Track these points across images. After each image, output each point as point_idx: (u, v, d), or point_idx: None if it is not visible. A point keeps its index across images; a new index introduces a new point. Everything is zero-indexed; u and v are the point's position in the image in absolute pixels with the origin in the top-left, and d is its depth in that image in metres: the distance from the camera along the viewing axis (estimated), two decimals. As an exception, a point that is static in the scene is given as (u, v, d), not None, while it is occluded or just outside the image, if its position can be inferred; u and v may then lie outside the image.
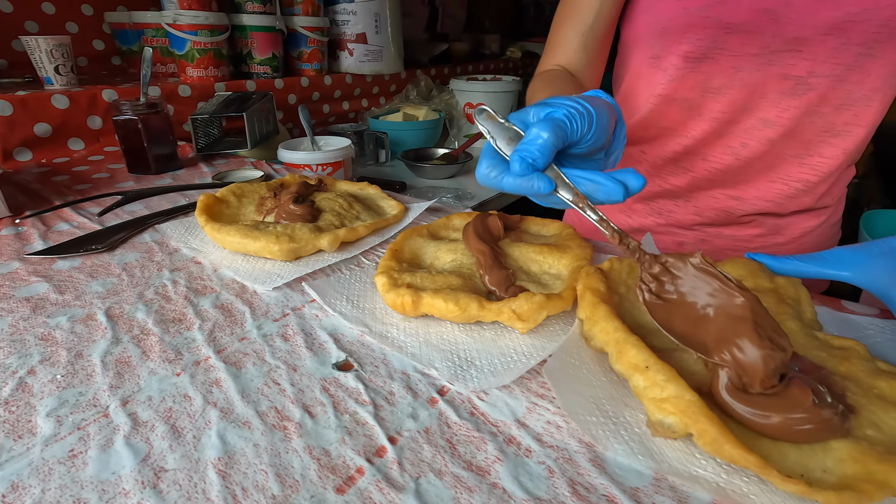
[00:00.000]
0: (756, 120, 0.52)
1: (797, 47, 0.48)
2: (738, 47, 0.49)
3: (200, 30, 1.03)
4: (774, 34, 0.48)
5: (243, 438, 0.29)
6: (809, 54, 0.48)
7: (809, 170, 0.53)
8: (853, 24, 0.45)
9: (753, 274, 0.40)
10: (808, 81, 0.49)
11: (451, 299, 0.38)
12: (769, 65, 0.49)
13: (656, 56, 0.54)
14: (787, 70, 0.49)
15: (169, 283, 0.46)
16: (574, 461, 0.28)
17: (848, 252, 0.39)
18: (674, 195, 0.61)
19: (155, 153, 0.78)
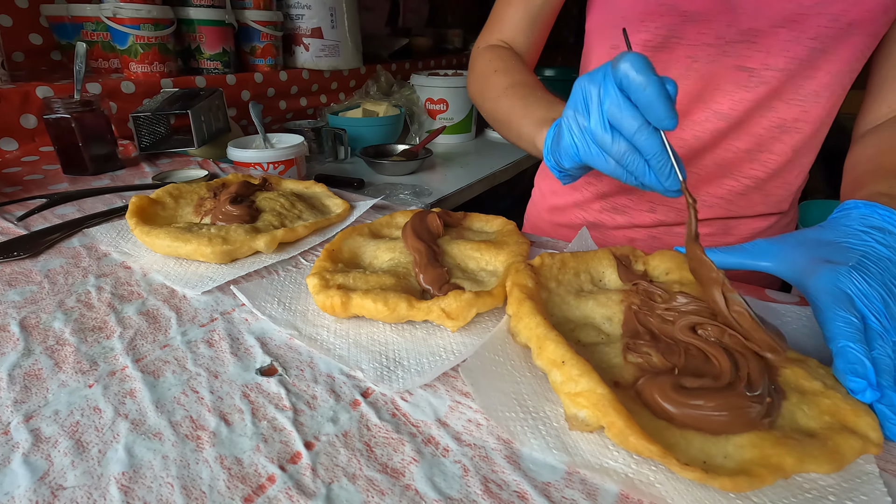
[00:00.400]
0: (710, 112, 0.52)
1: (751, 38, 0.48)
2: (695, 37, 0.50)
3: (143, 23, 0.99)
4: (729, 24, 0.48)
5: (152, 451, 0.28)
6: (763, 46, 0.48)
7: (760, 165, 0.54)
8: (805, 17, 0.46)
9: (680, 266, 0.41)
10: (762, 74, 0.49)
11: (379, 299, 0.37)
12: (724, 55, 0.50)
13: (615, 46, 0.54)
14: (742, 62, 0.49)
15: (93, 289, 0.44)
16: (490, 458, 0.28)
17: (768, 243, 0.40)
18: (629, 190, 0.61)
19: (91, 153, 0.74)
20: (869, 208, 0.38)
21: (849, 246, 0.35)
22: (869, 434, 0.27)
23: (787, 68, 0.48)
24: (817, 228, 0.39)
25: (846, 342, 0.29)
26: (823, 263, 0.34)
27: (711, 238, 0.61)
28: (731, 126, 0.52)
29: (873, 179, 0.41)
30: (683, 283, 0.40)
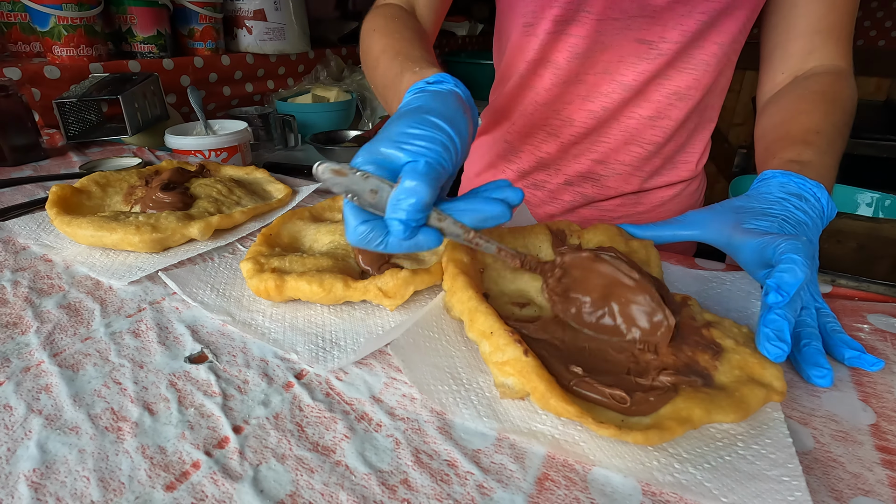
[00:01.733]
0: (616, 84, 0.55)
1: (650, 14, 0.51)
2: (602, 11, 0.52)
3: (65, 3, 0.92)
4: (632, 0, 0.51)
5: (67, 445, 0.26)
6: (660, 20, 0.51)
7: (659, 131, 0.57)
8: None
9: (612, 239, 0.42)
10: (659, 46, 0.52)
11: (315, 281, 0.37)
12: (627, 29, 0.52)
13: (529, 24, 0.56)
14: (642, 35, 0.52)
15: (8, 284, 0.41)
16: (422, 430, 0.28)
17: (697, 214, 0.42)
18: (546, 164, 0.63)
19: (10, 142, 0.69)
20: (786, 177, 0.40)
21: (770, 212, 0.38)
22: (773, 383, 0.29)
23: (680, 40, 0.52)
24: (742, 198, 0.41)
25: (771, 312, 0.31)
26: (749, 232, 0.36)
27: (624, 208, 0.64)
28: (633, 95, 0.56)
29: (782, 147, 0.44)
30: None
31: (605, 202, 0.63)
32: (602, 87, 0.56)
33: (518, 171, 0.66)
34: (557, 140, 0.60)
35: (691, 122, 0.58)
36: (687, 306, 0.37)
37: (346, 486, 0.25)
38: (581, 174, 0.62)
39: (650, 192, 0.62)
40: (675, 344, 0.32)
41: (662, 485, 0.25)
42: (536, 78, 0.58)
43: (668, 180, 0.61)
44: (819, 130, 0.44)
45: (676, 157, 0.60)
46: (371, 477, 0.25)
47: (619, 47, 0.53)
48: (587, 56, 0.54)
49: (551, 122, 0.60)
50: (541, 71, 0.57)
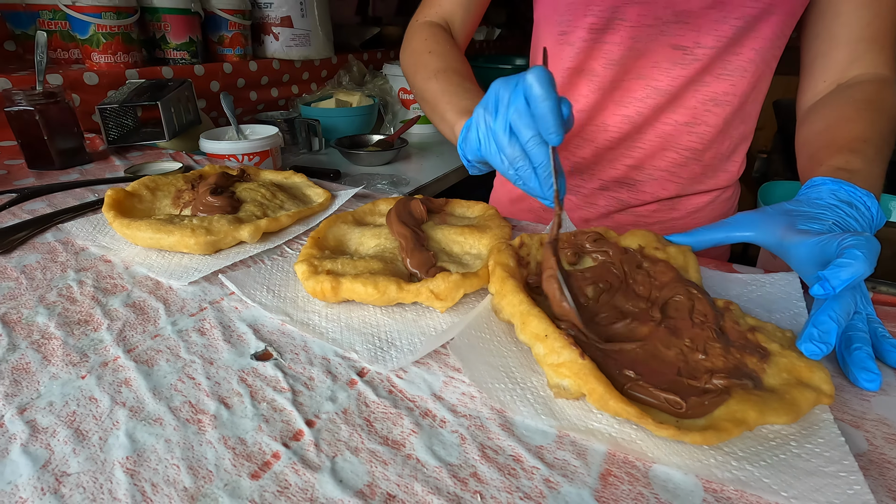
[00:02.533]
0: (650, 89, 0.56)
1: (684, 19, 0.52)
2: (636, 18, 0.53)
3: (104, 12, 0.95)
4: (665, 6, 0.52)
5: (154, 435, 0.28)
6: (694, 26, 0.52)
7: (696, 137, 0.58)
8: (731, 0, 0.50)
9: (649, 245, 0.44)
10: (694, 52, 0.53)
11: (370, 283, 0.38)
12: (661, 35, 0.53)
13: (563, 32, 0.57)
14: (676, 41, 0.53)
15: (74, 283, 0.43)
16: (485, 427, 0.29)
17: (748, 216, 0.43)
18: (581, 169, 0.64)
19: (58, 147, 0.72)
20: (836, 184, 0.41)
21: (822, 217, 0.38)
22: (822, 387, 0.30)
23: (715, 46, 0.52)
24: (793, 202, 0.42)
25: None
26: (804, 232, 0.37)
27: (658, 214, 0.64)
28: (668, 101, 0.56)
29: (829, 155, 0.44)
30: (654, 260, 0.43)
31: (641, 207, 0.64)
32: (636, 92, 0.57)
33: None
34: (592, 145, 0.61)
35: (731, 129, 0.58)
36: (729, 311, 0.38)
37: (419, 478, 0.26)
38: (616, 179, 0.62)
39: (686, 197, 0.63)
40: (723, 346, 0.33)
41: (722, 480, 0.26)
42: (572, 86, 0.59)
43: (707, 187, 0.62)
44: (866, 139, 0.44)
45: (717, 164, 0.61)
46: (442, 470, 0.26)
47: (654, 53, 0.54)
48: (622, 63, 0.55)
49: (586, 127, 0.61)
50: (576, 79, 0.59)
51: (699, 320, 0.36)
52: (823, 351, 0.30)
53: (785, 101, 1.55)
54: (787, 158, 1.37)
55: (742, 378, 0.31)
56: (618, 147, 0.61)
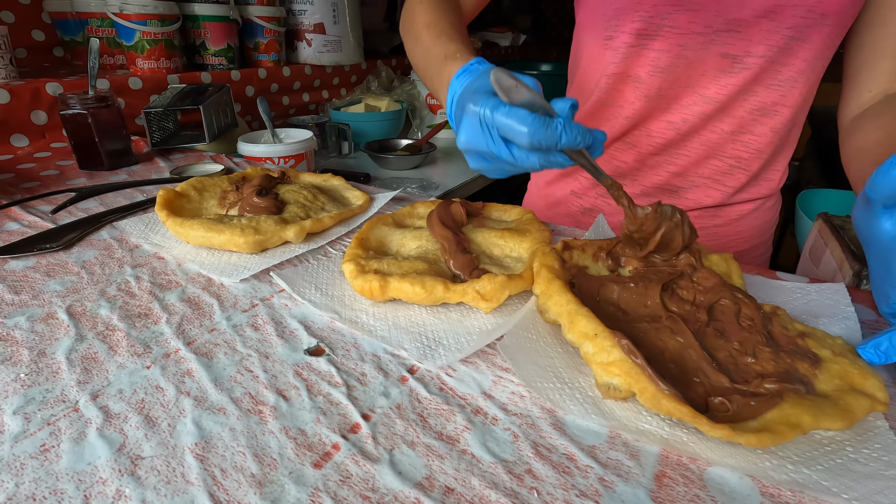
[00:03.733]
0: (697, 96, 0.56)
1: (735, 28, 0.52)
2: (685, 25, 0.53)
3: (150, 19, 0.99)
4: (717, 13, 0.52)
5: (219, 424, 0.29)
6: (746, 35, 0.51)
7: (742, 146, 0.57)
8: (784, 9, 0.50)
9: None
10: (744, 61, 0.53)
11: (417, 282, 0.39)
12: (711, 43, 0.53)
13: (609, 37, 0.57)
14: (727, 49, 0.53)
15: (132, 279, 0.45)
16: (537, 426, 0.30)
17: None
18: (622, 174, 0.64)
19: (107, 148, 0.75)
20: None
21: None
22: (876, 394, 0.30)
23: (766, 55, 0.52)
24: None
25: None
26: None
27: (701, 220, 0.64)
28: (716, 109, 0.56)
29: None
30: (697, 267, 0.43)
31: None
32: (683, 99, 0.56)
33: (592, 179, 0.67)
34: (635, 150, 0.61)
35: (777, 139, 0.58)
36: (776, 316, 0.37)
37: (476, 473, 0.27)
38: (658, 185, 0.62)
39: (730, 206, 0.63)
40: (773, 350, 0.33)
41: (779, 483, 0.26)
42: (617, 92, 0.59)
43: (751, 196, 0.62)
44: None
45: (761, 173, 0.61)
46: (497, 466, 0.27)
47: (703, 62, 0.54)
48: (670, 70, 0.55)
49: (630, 132, 0.61)
50: (621, 85, 0.58)
51: (746, 324, 0.36)
52: (882, 360, 0.30)
53: (820, 108, 1.52)
54: (822, 166, 1.34)
55: (794, 382, 0.31)
56: (661, 153, 0.60)
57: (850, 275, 0.56)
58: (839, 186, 1.02)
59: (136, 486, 0.25)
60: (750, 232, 0.65)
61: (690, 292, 0.39)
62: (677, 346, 0.34)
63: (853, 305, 0.41)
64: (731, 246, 0.65)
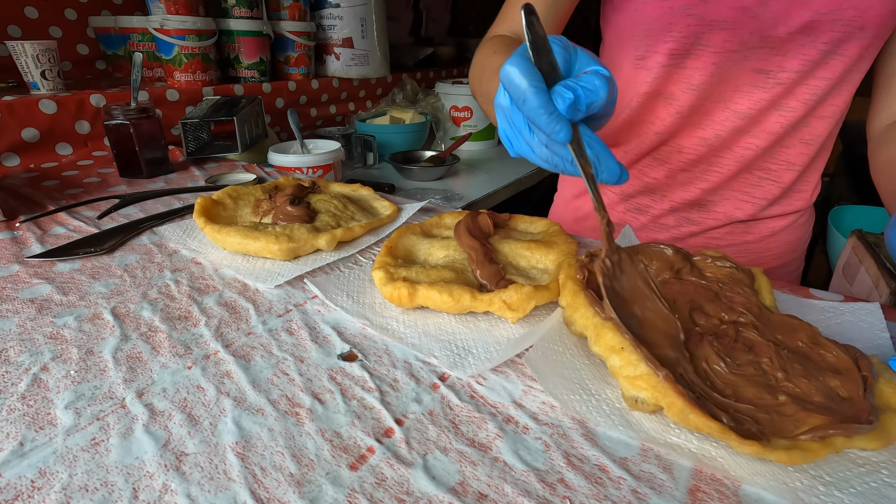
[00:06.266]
0: (729, 112, 0.55)
1: (770, 44, 0.51)
2: (720, 44, 0.52)
3: (188, 35, 1.03)
4: (752, 31, 0.51)
5: (258, 424, 0.31)
6: (780, 50, 0.51)
7: (774, 161, 0.57)
8: (821, 24, 0.49)
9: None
10: (777, 76, 0.52)
11: (445, 291, 0.40)
12: (745, 60, 0.52)
13: (641, 57, 0.57)
14: (760, 65, 0.52)
15: (171, 282, 0.47)
16: (568, 436, 0.30)
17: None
18: (651, 189, 0.64)
19: (146, 157, 0.78)
20: None
21: None
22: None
23: (801, 70, 0.52)
24: None
25: None
26: None
27: (731, 237, 0.63)
28: (748, 124, 0.55)
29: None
30: (724, 282, 0.42)
31: (713, 231, 0.63)
32: (715, 115, 0.56)
33: (621, 193, 0.66)
34: (665, 166, 0.61)
35: (810, 150, 0.57)
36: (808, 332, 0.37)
37: (508, 480, 0.27)
38: (688, 201, 0.62)
39: (761, 221, 0.62)
40: (804, 367, 0.33)
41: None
42: (649, 110, 0.59)
43: (784, 210, 0.61)
44: None
45: (794, 186, 0.60)
46: (529, 474, 0.27)
47: (736, 77, 0.54)
48: (703, 87, 0.55)
49: (660, 148, 0.60)
50: (653, 103, 0.58)
51: (776, 340, 0.35)
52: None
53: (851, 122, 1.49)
54: (853, 182, 1.31)
55: (834, 405, 0.31)
56: (692, 170, 0.60)
57: (886, 293, 0.55)
58: (872, 203, 0.99)
59: (181, 482, 0.27)
60: (781, 249, 0.64)
61: (718, 307, 0.39)
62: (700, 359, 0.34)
63: (886, 323, 0.40)
64: (761, 262, 0.64)
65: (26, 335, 0.39)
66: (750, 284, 0.42)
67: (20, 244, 0.55)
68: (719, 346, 0.35)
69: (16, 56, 0.88)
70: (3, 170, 0.82)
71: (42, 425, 0.30)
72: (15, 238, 0.56)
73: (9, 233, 0.57)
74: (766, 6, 0.50)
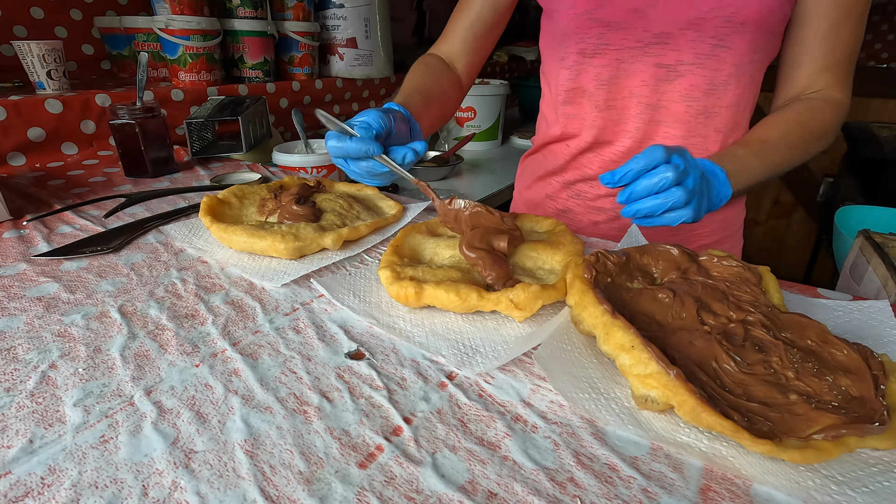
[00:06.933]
0: (642, 105, 0.61)
1: (664, 40, 0.58)
2: (619, 42, 0.59)
3: (193, 35, 1.03)
4: (645, 29, 0.58)
5: (266, 422, 0.30)
6: (674, 46, 0.58)
7: (692, 148, 0.62)
8: (705, 21, 0.55)
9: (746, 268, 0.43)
10: (677, 69, 0.59)
11: (452, 290, 0.40)
12: (645, 55, 0.59)
13: (561, 58, 0.64)
14: (660, 60, 0.59)
15: (178, 281, 0.47)
16: (577, 435, 0.30)
17: None
18: (589, 178, 0.70)
19: (152, 156, 0.78)
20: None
21: None
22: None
23: (695, 62, 0.58)
24: None
25: None
26: None
27: None
28: (661, 115, 0.62)
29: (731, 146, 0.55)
30: (731, 281, 0.42)
31: None
32: (630, 108, 0.62)
33: (563, 182, 0.72)
34: (600, 158, 0.67)
35: (721, 138, 0.62)
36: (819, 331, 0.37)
37: (518, 479, 0.27)
38: None
39: None
40: (815, 365, 0.33)
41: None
42: (576, 105, 0.66)
43: None
44: (764, 139, 0.54)
45: None
46: (539, 473, 0.27)
47: (641, 72, 0.60)
48: (612, 82, 0.62)
49: (595, 144, 0.67)
50: (578, 98, 0.65)
51: (785, 338, 0.35)
52: None
53: (854, 123, 1.49)
54: (858, 183, 1.31)
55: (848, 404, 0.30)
56: (623, 160, 0.65)
57: (895, 292, 0.55)
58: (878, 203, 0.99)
59: (190, 479, 0.27)
60: (713, 226, 0.70)
61: (726, 306, 0.39)
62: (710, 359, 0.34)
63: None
64: (697, 240, 0.69)
65: (34, 333, 0.39)
66: (757, 283, 0.42)
67: (27, 243, 0.55)
68: (728, 346, 0.34)
69: (22, 56, 0.89)
70: (8, 169, 0.82)
71: (51, 422, 0.30)
72: (22, 237, 0.56)
73: (15, 231, 0.58)
74: (654, 7, 0.56)
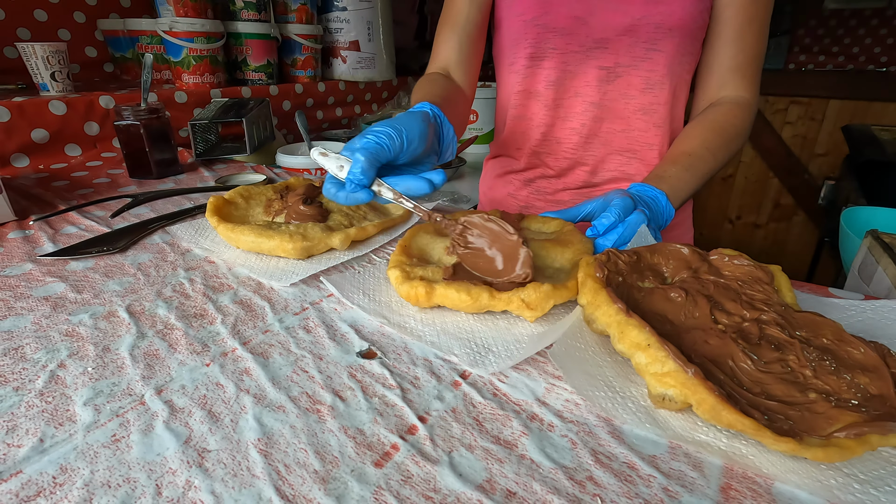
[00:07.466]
0: (587, 104, 0.66)
1: (603, 45, 0.63)
2: (563, 46, 0.64)
3: (196, 37, 1.03)
4: (587, 35, 0.63)
5: (279, 421, 0.30)
6: (613, 49, 0.63)
7: (635, 142, 0.68)
8: (638, 27, 0.61)
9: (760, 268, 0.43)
10: (615, 70, 0.64)
11: (463, 289, 0.40)
12: (588, 59, 0.64)
13: (511, 63, 0.68)
14: (601, 62, 0.64)
15: (185, 281, 0.47)
16: (594, 434, 0.30)
17: None
18: (547, 175, 0.74)
19: (156, 157, 0.78)
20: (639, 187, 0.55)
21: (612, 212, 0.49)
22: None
23: (631, 64, 0.63)
24: None
25: None
26: None
27: None
28: (604, 112, 0.67)
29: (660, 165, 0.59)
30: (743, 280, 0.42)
31: None
32: (575, 107, 0.67)
33: (523, 180, 0.77)
34: (553, 156, 0.72)
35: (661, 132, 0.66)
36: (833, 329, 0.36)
37: (536, 478, 0.27)
38: (580, 184, 0.72)
39: None
40: (832, 363, 0.32)
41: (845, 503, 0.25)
42: (526, 107, 0.70)
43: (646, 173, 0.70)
44: (691, 152, 0.58)
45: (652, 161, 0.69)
46: (557, 471, 0.27)
47: (585, 74, 0.65)
48: (560, 83, 0.66)
49: (543, 143, 0.71)
50: (528, 101, 0.69)
51: (800, 336, 0.35)
52: None
53: (856, 126, 1.49)
54: (861, 184, 1.31)
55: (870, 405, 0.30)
56: (572, 156, 0.70)
57: (905, 293, 0.55)
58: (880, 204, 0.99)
59: (204, 478, 0.26)
60: None
61: (740, 305, 0.39)
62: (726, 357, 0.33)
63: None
64: None
65: (42, 332, 0.38)
66: (769, 282, 0.42)
67: (32, 243, 0.54)
68: (744, 344, 0.34)
69: (26, 58, 0.89)
70: (12, 170, 0.82)
71: (61, 422, 0.30)
72: (27, 237, 0.56)
73: (21, 232, 0.57)
74: (593, 15, 0.61)
